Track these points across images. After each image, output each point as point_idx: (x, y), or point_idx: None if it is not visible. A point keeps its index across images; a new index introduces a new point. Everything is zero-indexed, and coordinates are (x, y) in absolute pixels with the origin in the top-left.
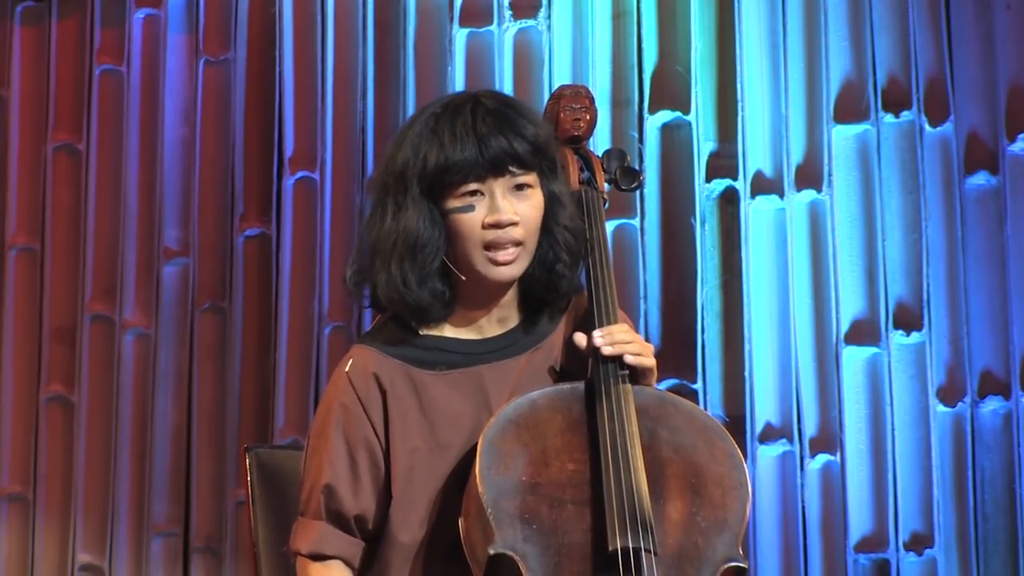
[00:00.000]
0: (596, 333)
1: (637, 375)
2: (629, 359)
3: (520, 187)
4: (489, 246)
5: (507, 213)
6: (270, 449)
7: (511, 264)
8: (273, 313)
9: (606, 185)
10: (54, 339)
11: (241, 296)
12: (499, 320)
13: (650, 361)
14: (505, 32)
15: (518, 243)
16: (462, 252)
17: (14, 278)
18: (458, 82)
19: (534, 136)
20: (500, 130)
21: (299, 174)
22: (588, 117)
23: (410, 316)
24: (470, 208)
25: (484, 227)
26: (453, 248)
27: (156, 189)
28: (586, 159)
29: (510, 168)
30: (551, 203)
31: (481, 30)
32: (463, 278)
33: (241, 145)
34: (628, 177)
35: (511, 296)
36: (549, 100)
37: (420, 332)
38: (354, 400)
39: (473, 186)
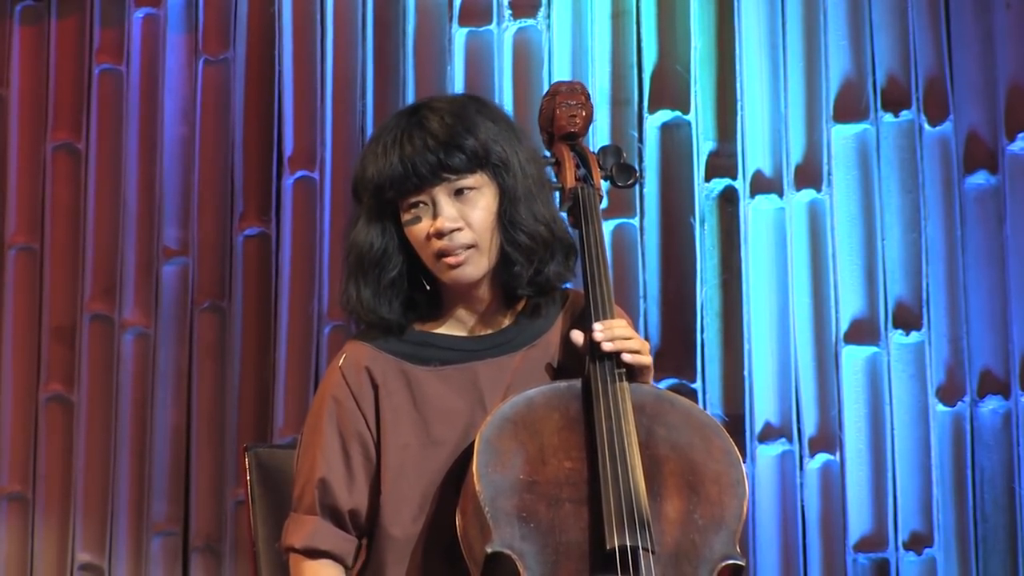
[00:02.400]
0: (596, 326)
1: (634, 372)
2: (626, 357)
3: (461, 191)
4: (440, 253)
5: (448, 220)
6: (269, 448)
7: (464, 266)
8: (273, 312)
9: (603, 182)
10: (53, 338)
11: (241, 295)
12: (486, 319)
13: (647, 359)
14: (504, 31)
15: (469, 246)
16: (425, 261)
17: (13, 277)
18: (457, 82)
19: (469, 143)
20: (422, 138)
21: (299, 173)
22: (584, 113)
23: (377, 330)
24: (416, 220)
25: (428, 237)
26: (419, 258)
27: (156, 188)
28: (582, 156)
29: (443, 175)
30: (504, 202)
31: (480, 29)
32: (428, 287)
33: (240, 144)
34: (624, 174)
35: (487, 294)
36: (544, 97)
37: (414, 329)
38: (347, 395)
39: (414, 198)
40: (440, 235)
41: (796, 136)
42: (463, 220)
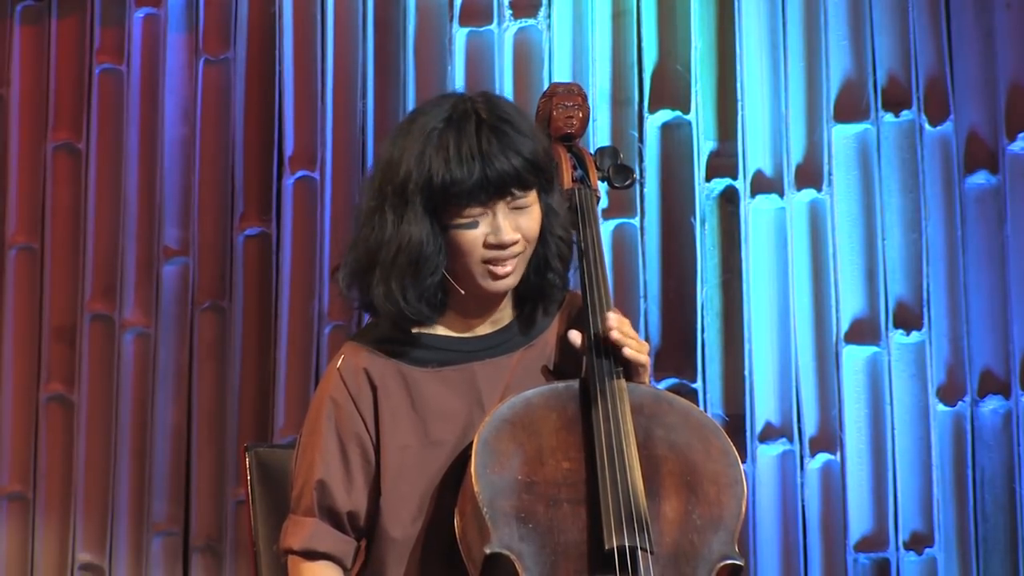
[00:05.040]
0: (610, 315)
1: (631, 372)
2: (627, 351)
3: (519, 206)
4: (489, 261)
5: (508, 234)
6: (270, 448)
7: (509, 276)
8: (273, 312)
9: (600, 183)
10: (54, 338)
11: (241, 295)
12: (491, 319)
13: (645, 358)
14: (505, 31)
15: (516, 255)
16: (461, 265)
17: (14, 277)
18: (458, 82)
19: (533, 153)
20: (503, 152)
21: (299, 173)
22: (580, 115)
23: (404, 323)
24: (473, 225)
25: (486, 245)
26: (452, 260)
27: (156, 188)
28: (579, 157)
29: (512, 191)
30: (547, 215)
31: (481, 29)
32: (461, 292)
33: (241, 144)
34: (621, 175)
35: (506, 301)
36: (541, 98)
37: (412, 330)
38: (345, 397)
39: (477, 209)
40: (501, 246)
41: (797, 136)
42: (519, 233)
